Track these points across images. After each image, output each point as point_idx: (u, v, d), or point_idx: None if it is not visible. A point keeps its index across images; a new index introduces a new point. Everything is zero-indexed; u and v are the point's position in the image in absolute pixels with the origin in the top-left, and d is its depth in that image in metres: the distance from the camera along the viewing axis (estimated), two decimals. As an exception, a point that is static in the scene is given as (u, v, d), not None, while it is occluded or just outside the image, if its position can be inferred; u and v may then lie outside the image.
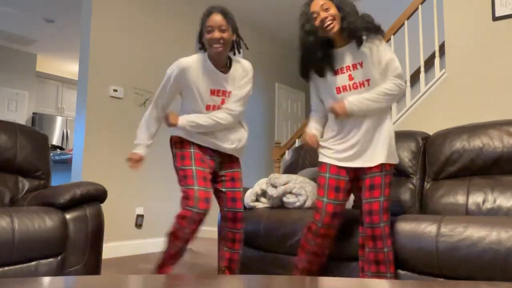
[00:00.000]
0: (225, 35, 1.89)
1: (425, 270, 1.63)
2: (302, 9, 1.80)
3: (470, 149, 2.13)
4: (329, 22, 1.72)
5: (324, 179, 1.80)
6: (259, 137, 5.42)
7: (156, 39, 4.10)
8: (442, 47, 3.74)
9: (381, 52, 1.76)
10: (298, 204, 2.24)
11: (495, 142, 2.07)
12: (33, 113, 6.66)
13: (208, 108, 1.96)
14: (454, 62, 3.28)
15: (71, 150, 4.48)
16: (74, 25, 5.43)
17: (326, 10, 1.72)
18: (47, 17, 5.26)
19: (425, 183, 2.26)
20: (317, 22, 1.73)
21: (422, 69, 3.48)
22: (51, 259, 1.84)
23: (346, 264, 1.89)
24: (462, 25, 3.27)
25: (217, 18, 1.89)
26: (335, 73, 1.80)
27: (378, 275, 1.72)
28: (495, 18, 3.11)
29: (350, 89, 1.77)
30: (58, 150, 5.19)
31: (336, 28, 1.73)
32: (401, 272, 1.73)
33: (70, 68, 7.26)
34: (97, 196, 2.08)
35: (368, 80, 1.76)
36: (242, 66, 2.02)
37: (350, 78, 1.77)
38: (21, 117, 6.40)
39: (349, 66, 1.78)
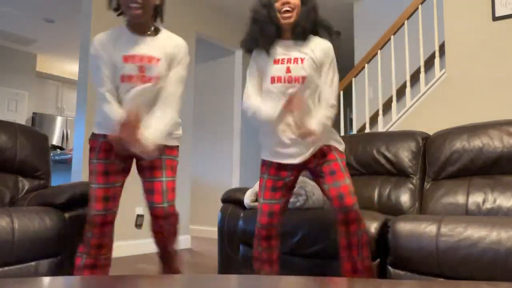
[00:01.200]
0: None
1: (425, 270, 1.63)
2: None
3: (470, 149, 2.13)
4: (288, 12, 1.67)
5: (262, 180, 1.81)
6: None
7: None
8: (442, 47, 3.74)
9: (329, 71, 1.72)
10: (298, 204, 2.24)
11: (495, 142, 2.07)
12: (33, 113, 6.65)
13: (123, 79, 1.63)
14: (454, 62, 3.28)
15: (71, 150, 4.48)
16: (74, 25, 5.42)
17: None
18: (47, 17, 5.25)
19: (425, 183, 2.26)
20: (278, 4, 1.68)
21: (422, 69, 3.48)
22: (51, 259, 1.84)
23: (346, 264, 1.89)
24: (462, 25, 3.27)
25: None
26: (274, 61, 1.73)
27: (350, 260, 1.66)
28: (495, 18, 3.11)
29: (284, 82, 1.70)
30: (58, 150, 5.19)
31: (292, 20, 1.68)
32: (401, 272, 1.73)
33: (70, 68, 7.26)
34: (97, 196, 2.08)
35: (304, 78, 1.68)
36: (173, 40, 1.73)
37: (288, 70, 1.70)
38: (21, 117, 6.40)
39: (290, 59, 1.71)
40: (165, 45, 1.70)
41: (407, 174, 2.30)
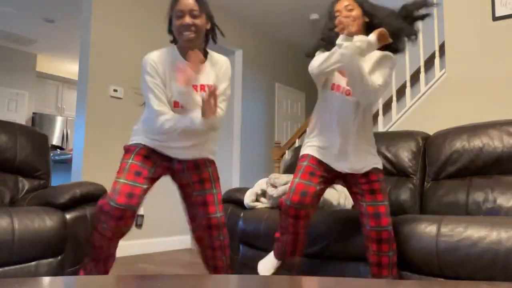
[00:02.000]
0: (197, 21, 1.66)
1: (425, 270, 1.63)
2: (329, 6, 1.75)
3: (470, 149, 2.13)
4: (342, 24, 1.64)
5: (301, 166, 1.74)
6: (259, 137, 5.42)
7: (157, 39, 4.10)
8: (442, 47, 3.74)
9: (383, 69, 1.73)
10: (298, 204, 2.24)
11: (495, 142, 2.07)
12: (33, 113, 6.66)
13: (176, 105, 1.72)
14: (454, 62, 3.28)
15: (71, 150, 4.48)
16: (74, 25, 5.42)
17: (350, 11, 1.66)
18: (47, 17, 5.26)
19: (425, 183, 2.26)
20: (336, 21, 1.66)
21: (422, 69, 3.48)
22: (51, 259, 1.84)
23: (346, 264, 1.89)
24: (462, 25, 3.27)
25: (188, 2, 1.66)
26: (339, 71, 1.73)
27: (379, 278, 1.71)
28: (495, 18, 3.11)
29: (342, 92, 1.71)
30: (58, 150, 5.19)
31: (350, 30, 1.62)
32: (401, 272, 1.73)
33: (70, 68, 7.26)
34: (97, 196, 2.08)
35: (350, 92, 1.70)
36: (218, 60, 1.79)
37: (348, 83, 1.70)
38: (21, 117, 6.40)
39: None
40: (215, 69, 1.76)
41: (407, 174, 2.30)
